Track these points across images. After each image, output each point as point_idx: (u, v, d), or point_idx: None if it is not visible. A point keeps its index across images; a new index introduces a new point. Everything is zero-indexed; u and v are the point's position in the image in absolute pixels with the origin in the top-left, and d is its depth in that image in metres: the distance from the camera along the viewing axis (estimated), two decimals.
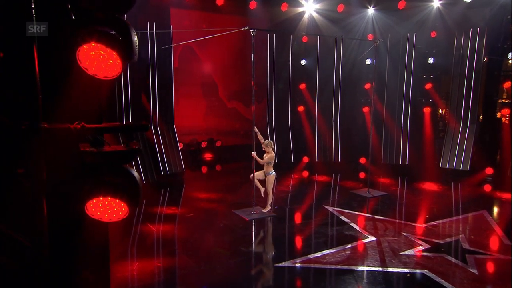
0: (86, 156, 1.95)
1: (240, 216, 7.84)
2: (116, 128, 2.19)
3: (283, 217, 8.06)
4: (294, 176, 11.43)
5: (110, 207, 2.06)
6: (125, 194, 2.03)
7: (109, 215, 2.08)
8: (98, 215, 2.07)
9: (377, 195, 9.49)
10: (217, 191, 9.91)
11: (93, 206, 2.04)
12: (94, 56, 1.95)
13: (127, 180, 2.05)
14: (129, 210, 2.09)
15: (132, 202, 2.06)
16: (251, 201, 8.07)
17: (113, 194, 2.01)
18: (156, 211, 8.25)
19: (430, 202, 9.35)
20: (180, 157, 10.84)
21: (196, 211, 8.34)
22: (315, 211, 8.46)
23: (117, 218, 2.10)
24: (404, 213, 8.48)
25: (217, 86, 13.74)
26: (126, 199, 2.04)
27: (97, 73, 2.00)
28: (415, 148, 11.96)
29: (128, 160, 2.08)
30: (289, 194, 9.74)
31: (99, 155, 1.97)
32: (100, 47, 1.91)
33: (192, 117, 13.16)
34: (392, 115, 12.12)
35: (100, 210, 2.06)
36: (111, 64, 1.99)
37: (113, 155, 2.00)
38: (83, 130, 1.95)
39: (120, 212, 2.08)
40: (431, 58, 11.70)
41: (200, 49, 13.00)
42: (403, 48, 11.82)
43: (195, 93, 13.23)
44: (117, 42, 1.92)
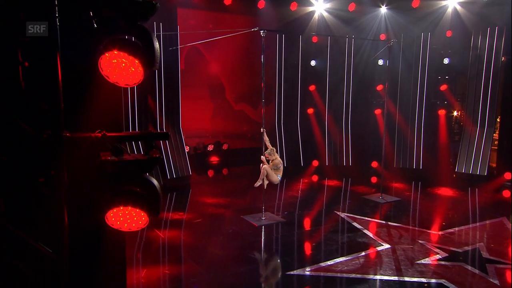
0: (107, 165, 2.01)
1: (249, 222, 7.89)
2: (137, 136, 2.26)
3: (293, 223, 8.09)
4: (304, 181, 11.45)
5: (130, 216, 2.11)
6: (145, 203, 2.08)
7: (128, 224, 2.14)
8: (117, 225, 2.13)
9: (390, 200, 9.49)
10: (225, 195, 9.97)
11: (113, 215, 2.10)
12: (116, 64, 2.01)
13: (147, 189, 2.11)
14: (148, 219, 2.14)
15: (152, 211, 2.11)
16: (260, 207, 8.11)
17: (133, 203, 2.06)
18: (162, 216, 8.30)
19: (446, 208, 9.32)
20: (187, 161, 10.90)
21: (204, 216, 8.39)
22: (326, 217, 8.49)
23: (136, 228, 2.15)
24: (418, 220, 8.47)
25: (224, 88, 13.83)
26: (146, 208, 2.09)
27: (118, 81, 2.06)
28: (430, 151, 11.94)
29: (148, 169, 2.13)
30: (298, 199, 9.78)
31: (119, 164, 2.03)
32: (123, 55, 1.97)
33: (199, 120, 13.24)
34: (405, 118, 12.11)
35: (120, 219, 2.12)
36: (133, 72, 2.05)
37: (133, 164, 2.05)
38: (104, 138, 2.00)
39: (139, 221, 2.14)
40: (447, 58, 11.70)
41: (207, 50, 13.08)
42: (417, 48, 11.81)
43: (202, 95, 13.32)
44: (140, 50, 1.98)
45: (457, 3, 11.15)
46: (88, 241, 2.15)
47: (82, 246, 2.13)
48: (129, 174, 2.08)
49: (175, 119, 10.89)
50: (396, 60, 11.75)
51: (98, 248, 2.18)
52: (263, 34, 7.75)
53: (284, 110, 12.67)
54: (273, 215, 8.29)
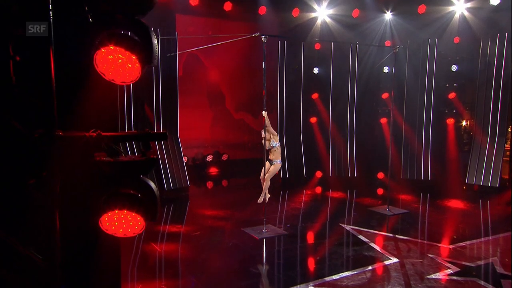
0: (102, 165, 1.97)
1: (250, 234, 7.82)
2: (133, 136, 2.22)
3: (295, 235, 8.02)
4: (307, 192, 11.40)
5: (125, 221, 2.07)
6: (141, 206, 2.05)
7: (124, 230, 2.10)
8: (112, 230, 2.09)
9: (397, 213, 9.42)
10: (225, 207, 9.90)
11: (108, 220, 2.05)
12: (112, 60, 1.99)
13: (144, 192, 2.07)
14: (145, 224, 2.10)
15: (149, 215, 2.07)
16: (262, 219, 8.05)
17: (129, 206, 2.02)
18: (159, 228, 8.24)
19: (456, 221, 9.24)
20: (185, 171, 10.86)
21: (203, 229, 8.31)
22: (331, 229, 8.41)
23: (132, 233, 2.11)
24: (428, 233, 8.37)
25: (224, 96, 13.86)
26: (142, 212, 2.05)
27: (114, 79, 2.04)
28: (438, 162, 11.90)
29: (145, 170, 2.10)
30: (301, 211, 9.70)
31: (115, 165, 1.99)
32: (119, 50, 1.95)
33: (198, 129, 13.25)
34: (412, 127, 12.09)
35: (115, 224, 2.08)
36: (130, 68, 2.02)
37: (129, 165, 2.02)
38: (99, 138, 1.97)
39: (136, 226, 2.10)
40: (455, 65, 11.73)
41: (206, 56, 13.14)
42: (423, 55, 11.85)
43: (201, 103, 13.34)
44: (137, 45, 1.96)
45: (464, 9, 11.22)
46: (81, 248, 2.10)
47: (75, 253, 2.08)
48: (125, 175, 2.04)
49: (173, 128, 10.88)
50: (402, 67, 11.78)
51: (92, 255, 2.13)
52: (264, 39, 7.75)
53: (286, 119, 12.66)
54: (275, 227, 8.22)
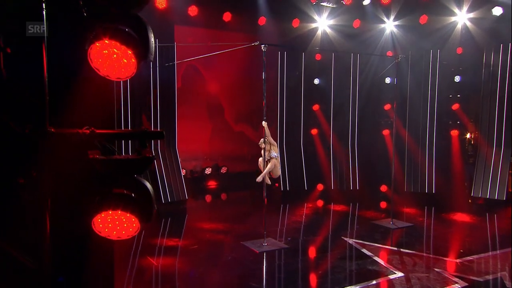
0: (96, 164, 1.93)
1: (249, 248, 7.73)
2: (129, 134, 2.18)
3: (297, 249, 7.94)
4: (308, 205, 11.33)
5: (119, 222, 2.02)
6: (136, 207, 1.99)
7: (117, 232, 2.04)
8: (105, 232, 2.03)
9: (401, 226, 9.33)
10: (223, 221, 9.81)
11: (101, 221, 2.00)
12: (107, 55, 1.96)
13: (139, 192, 2.02)
14: (140, 226, 2.05)
15: (144, 216, 2.02)
16: (262, 232, 7.97)
17: (123, 207, 1.97)
18: (156, 242, 8.16)
19: (462, 235, 9.17)
20: (183, 184, 10.81)
21: (201, 242, 8.23)
22: (333, 243, 8.36)
23: (126, 236, 2.06)
24: (433, 247, 8.29)
25: (223, 108, 13.84)
26: (137, 212, 2.00)
27: (109, 74, 2.01)
28: (443, 175, 11.84)
29: (141, 169, 2.05)
30: (302, 224, 9.63)
31: (109, 163, 1.95)
32: (114, 44, 1.93)
33: (196, 141, 13.18)
34: (415, 139, 12.06)
35: (108, 225, 2.02)
36: (125, 64, 1.99)
37: (124, 163, 1.98)
38: (92, 135, 1.93)
39: (130, 228, 2.04)
40: (458, 76, 11.74)
41: (205, 68, 13.16)
42: (426, 66, 11.88)
43: (199, 115, 13.31)
44: (133, 40, 1.94)
45: (467, 19, 11.27)
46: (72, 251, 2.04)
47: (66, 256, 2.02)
48: (119, 175, 1.99)
49: (171, 140, 10.87)
50: (404, 78, 11.80)
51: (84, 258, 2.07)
52: (264, 48, 7.78)
53: (287, 130, 12.64)
54: (275, 241, 8.14)
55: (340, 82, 12.54)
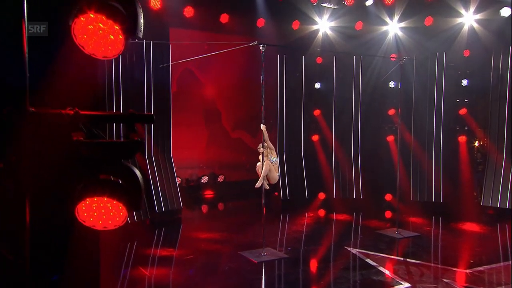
0: (80, 147, 1.87)
1: (247, 258, 7.65)
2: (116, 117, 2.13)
3: (297, 259, 7.89)
4: (309, 215, 11.26)
5: (105, 210, 1.95)
6: (124, 194, 1.93)
7: (103, 221, 1.97)
8: (90, 222, 1.96)
9: (408, 235, 9.26)
10: (220, 230, 9.76)
11: (86, 208, 1.93)
12: (92, 30, 1.91)
13: (127, 178, 1.96)
14: (127, 215, 1.98)
15: (132, 204, 1.95)
16: (260, 242, 7.88)
17: (110, 193, 1.91)
18: (149, 252, 8.08)
19: (472, 244, 9.11)
20: (178, 192, 10.72)
21: (196, 252, 8.15)
22: (335, 253, 8.29)
23: (113, 225, 1.99)
24: (442, 257, 8.23)
25: (220, 114, 13.80)
26: (125, 199, 1.93)
27: (95, 52, 1.95)
28: (451, 183, 11.75)
29: (128, 154, 1.99)
30: (303, 234, 9.60)
31: (94, 147, 1.89)
32: (100, 18, 1.88)
33: (192, 148, 13.11)
34: (421, 145, 11.99)
35: (94, 214, 1.95)
36: (112, 40, 1.94)
37: (111, 147, 1.92)
38: (76, 117, 1.88)
39: (117, 217, 1.97)
40: (465, 79, 11.73)
41: (201, 71, 13.15)
42: (431, 69, 11.86)
43: (195, 121, 13.27)
44: (120, 14, 1.89)
45: (473, 21, 11.28)
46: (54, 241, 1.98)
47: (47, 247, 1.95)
48: (105, 159, 1.93)
49: (165, 146, 10.80)
50: (409, 82, 11.77)
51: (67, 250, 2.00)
52: (262, 48, 7.79)
53: (286, 137, 12.59)
54: (275, 251, 8.06)
55: (342, 86, 12.51)
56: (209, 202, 12.81)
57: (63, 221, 1.96)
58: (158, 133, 10.63)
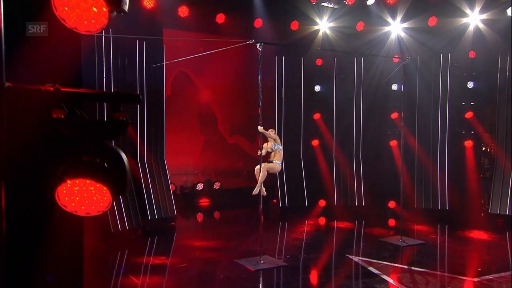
0: (61, 126, 1.80)
1: (244, 266, 7.56)
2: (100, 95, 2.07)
3: (297, 267, 7.81)
4: (309, 223, 11.19)
5: (88, 194, 1.88)
6: (108, 176, 1.86)
7: (86, 206, 1.90)
8: (72, 207, 1.89)
9: (412, 243, 9.20)
10: (216, 238, 9.69)
11: (67, 192, 1.86)
12: (74, 2, 1.86)
13: (112, 159, 1.90)
14: (111, 200, 1.91)
15: (117, 188, 1.89)
16: (257, 250, 7.79)
17: (93, 175, 1.84)
18: (141, 261, 7.98)
19: (480, 253, 9.05)
20: (172, 199, 10.65)
21: (190, 261, 8.06)
22: (336, 261, 8.21)
23: (96, 211, 1.92)
24: (448, 265, 8.16)
25: (217, 118, 13.78)
26: (109, 183, 1.87)
27: (77, 26, 1.90)
28: (457, 190, 11.68)
29: (113, 135, 1.93)
30: (303, 241, 9.54)
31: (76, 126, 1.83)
32: None
33: (187, 154, 13.10)
34: (426, 150, 11.96)
35: (75, 199, 1.88)
36: (95, 14, 1.89)
37: (94, 126, 1.86)
38: (57, 93, 1.82)
39: (100, 202, 1.91)
40: (471, 82, 11.70)
41: (197, 74, 13.14)
42: (436, 71, 11.85)
43: (190, 125, 13.24)
44: None
45: (479, 21, 11.28)
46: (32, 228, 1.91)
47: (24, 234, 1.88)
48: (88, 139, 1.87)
49: (159, 151, 10.74)
50: (412, 84, 11.76)
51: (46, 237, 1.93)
52: (259, 47, 7.78)
53: (285, 141, 12.51)
54: (273, 258, 7.98)
55: (343, 88, 12.50)
56: (204, 211, 12.72)
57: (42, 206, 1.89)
58: (151, 137, 10.57)
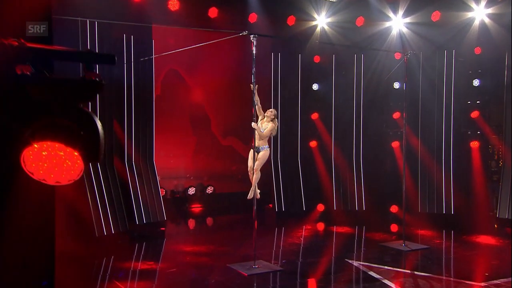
0: (27, 84, 1.75)
1: (237, 271, 7.52)
2: (70, 53, 2.01)
3: (293, 272, 7.80)
4: (307, 227, 11.17)
5: (57, 160, 1.82)
6: (80, 141, 1.80)
7: (56, 174, 1.84)
8: (40, 174, 1.83)
9: (416, 248, 9.17)
10: (208, 243, 9.65)
11: (34, 158, 1.80)
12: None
13: (84, 124, 1.84)
14: (83, 167, 1.85)
15: (90, 154, 1.83)
16: (251, 254, 7.73)
17: (63, 138, 1.78)
18: (128, 266, 7.94)
19: (487, 258, 9.05)
20: (161, 203, 10.59)
21: (180, 266, 8.01)
22: (335, 265, 8.20)
23: (67, 179, 1.86)
24: (454, 269, 8.14)
25: (209, 119, 13.73)
26: (81, 148, 1.81)
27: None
28: (463, 193, 11.64)
29: (86, 96, 1.88)
30: (301, 246, 9.52)
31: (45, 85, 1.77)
32: None
33: (178, 157, 13.05)
34: (430, 151, 11.93)
35: (44, 165, 1.82)
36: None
37: (64, 85, 1.80)
38: (22, 49, 1.76)
39: (72, 170, 1.84)
40: (477, 79, 11.70)
41: (189, 73, 13.10)
42: (440, 68, 11.85)
43: (182, 127, 13.20)
44: None
45: (485, 15, 11.30)
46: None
47: None
48: (58, 101, 1.81)
49: (147, 151, 10.68)
50: (415, 82, 11.73)
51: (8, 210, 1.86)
52: (253, 39, 7.80)
53: (281, 143, 12.50)
54: (268, 263, 7.94)
55: (342, 87, 12.48)
56: (196, 216, 12.65)
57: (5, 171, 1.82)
58: (140, 138, 10.51)
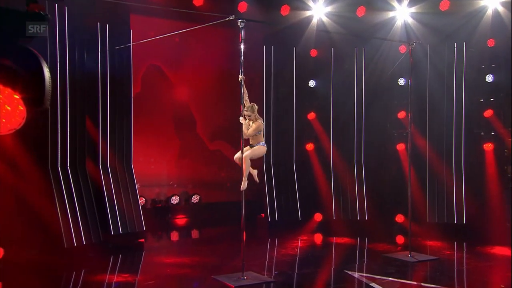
0: None
1: (223, 283, 7.46)
2: None
3: (288, 284, 7.75)
4: (303, 238, 11.16)
5: None
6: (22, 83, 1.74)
7: None
8: None
9: (423, 259, 9.16)
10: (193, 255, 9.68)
11: None
12: None
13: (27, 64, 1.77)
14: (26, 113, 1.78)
15: (34, 98, 1.76)
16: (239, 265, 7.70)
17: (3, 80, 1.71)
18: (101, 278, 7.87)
19: (503, 269, 8.99)
20: (140, 211, 10.53)
21: (160, 278, 7.95)
22: (333, 276, 8.20)
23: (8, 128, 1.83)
24: (467, 281, 8.13)
25: (195, 120, 13.71)
26: (23, 91, 1.74)
27: None
28: (476, 201, 11.62)
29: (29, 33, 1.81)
30: (296, 257, 9.52)
31: None
32: None
33: (159, 162, 13.04)
34: (439, 155, 11.92)
35: None
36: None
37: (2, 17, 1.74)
38: None
39: (14, 116, 1.80)
40: (490, 75, 11.70)
41: (172, 69, 13.09)
42: (449, 63, 11.84)
43: (164, 128, 13.17)
44: None
45: (499, 3, 11.30)
46: None
47: None
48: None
49: (125, 155, 10.61)
50: (422, 79, 11.76)
51: None
52: (241, 24, 7.86)
53: (275, 146, 12.50)
54: (258, 274, 7.89)
55: (342, 83, 12.52)
56: (180, 228, 12.61)
57: None
58: (116, 138, 10.44)
